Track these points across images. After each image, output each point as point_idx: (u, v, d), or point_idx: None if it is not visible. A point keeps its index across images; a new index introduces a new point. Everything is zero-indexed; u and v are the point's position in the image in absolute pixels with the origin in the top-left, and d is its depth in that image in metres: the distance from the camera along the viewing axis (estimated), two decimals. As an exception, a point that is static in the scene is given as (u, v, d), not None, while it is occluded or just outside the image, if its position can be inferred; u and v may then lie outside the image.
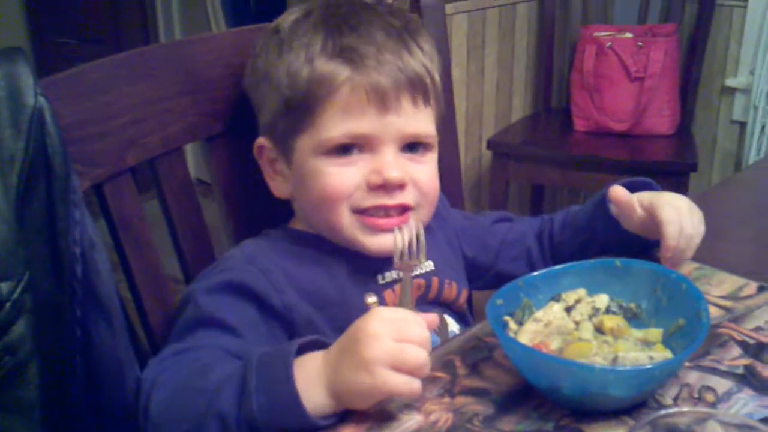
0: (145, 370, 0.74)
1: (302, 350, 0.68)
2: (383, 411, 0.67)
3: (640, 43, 2.22)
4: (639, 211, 0.86)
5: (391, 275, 0.88)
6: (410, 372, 0.64)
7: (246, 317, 0.79)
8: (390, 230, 0.81)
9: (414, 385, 0.64)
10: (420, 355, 0.64)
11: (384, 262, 0.84)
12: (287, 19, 0.87)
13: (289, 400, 0.64)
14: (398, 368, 0.64)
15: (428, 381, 0.71)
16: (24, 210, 0.64)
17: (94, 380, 0.70)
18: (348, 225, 0.83)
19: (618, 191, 0.87)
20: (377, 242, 0.83)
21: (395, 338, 0.64)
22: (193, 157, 3.24)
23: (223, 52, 0.92)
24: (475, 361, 0.74)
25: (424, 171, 0.85)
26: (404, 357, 0.64)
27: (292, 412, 0.64)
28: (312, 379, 0.66)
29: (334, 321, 0.82)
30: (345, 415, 0.67)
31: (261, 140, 0.88)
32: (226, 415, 0.65)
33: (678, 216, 0.83)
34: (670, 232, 0.81)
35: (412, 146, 0.85)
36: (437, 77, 0.87)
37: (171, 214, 0.89)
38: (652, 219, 0.84)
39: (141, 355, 0.82)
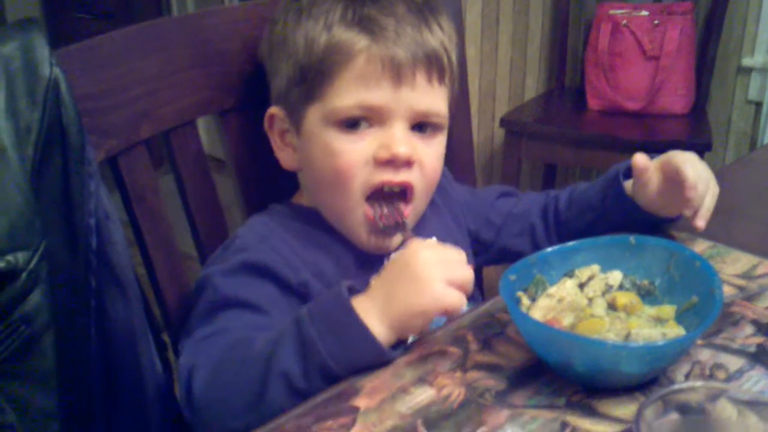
0: (179, 359, 0.75)
1: None
2: (396, 385, 0.68)
3: (656, 21, 2.19)
4: (655, 174, 0.84)
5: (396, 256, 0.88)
6: (460, 287, 0.71)
7: (267, 294, 0.79)
8: (392, 236, 0.84)
9: (464, 300, 0.71)
10: (468, 271, 0.73)
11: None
12: None
13: (358, 334, 0.68)
14: (451, 284, 0.71)
15: (441, 356, 0.72)
16: (40, 181, 0.64)
17: (108, 350, 0.71)
18: (354, 211, 0.83)
19: (639, 158, 0.85)
20: (374, 240, 0.84)
21: (442, 259, 0.72)
22: (206, 134, 3.23)
23: (236, 24, 0.91)
24: (488, 337, 0.74)
25: (431, 153, 0.84)
26: (456, 273, 0.71)
27: (364, 344, 0.68)
28: (365, 314, 0.69)
29: None
30: (358, 388, 0.68)
31: (273, 110, 0.87)
32: (290, 372, 0.68)
33: (690, 161, 0.82)
34: (689, 171, 0.80)
35: (422, 126, 0.84)
36: (454, 58, 0.86)
37: (185, 187, 0.89)
38: (667, 173, 0.83)
39: (155, 329, 0.83)
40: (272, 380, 0.68)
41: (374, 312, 0.70)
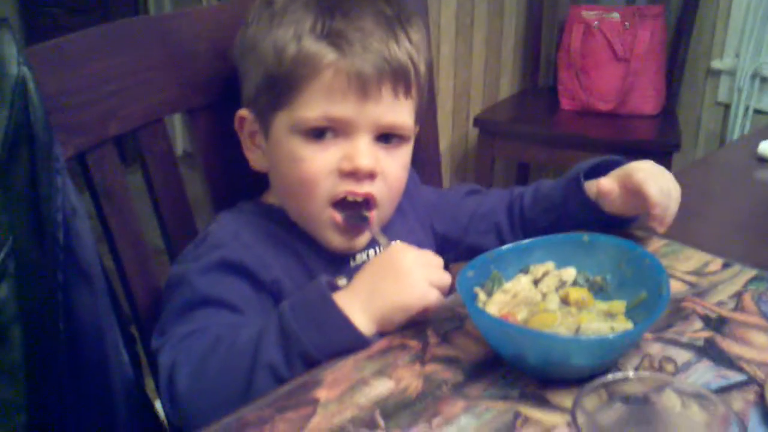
0: (159, 357, 0.77)
1: None
2: (356, 377, 0.70)
3: (627, 24, 2.23)
4: (618, 191, 0.86)
5: (361, 257, 0.89)
6: (439, 287, 0.77)
7: (243, 293, 0.81)
8: (358, 235, 0.87)
9: (442, 299, 0.78)
10: (446, 275, 0.78)
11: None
12: None
13: (336, 321, 0.73)
14: (432, 285, 0.76)
15: (400, 349, 0.74)
16: (7, 177, 0.65)
17: (75, 343, 0.72)
18: (320, 215, 0.84)
19: (605, 182, 0.86)
20: (342, 240, 0.86)
21: (424, 262, 0.78)
22: (183, 130, 3.24)
23: (205, 25, 0.93)
24: (447, 331, 0.76)
25: (394, 164, 0.86)
26: (437, 275, 0.77)
27: (343, 330, 0.73)
28: (349, 306, 0.74)
29: None
30: (319, 380, 0.69)
31: (243, 112, 0.88)
32: (274, 363, 0.72)
33: (651, 175, 0.84)
34: (651, 189, 0.83)
35: (387, 137, 0.85)
36: (422, 68, 0.87)
37: (153, 185, 0.90)
38: (630, 188, 0.85)
39: (123, 323, 0.84)
40: (258, 372, 0.71)
41: (357, 305, 0.74)
